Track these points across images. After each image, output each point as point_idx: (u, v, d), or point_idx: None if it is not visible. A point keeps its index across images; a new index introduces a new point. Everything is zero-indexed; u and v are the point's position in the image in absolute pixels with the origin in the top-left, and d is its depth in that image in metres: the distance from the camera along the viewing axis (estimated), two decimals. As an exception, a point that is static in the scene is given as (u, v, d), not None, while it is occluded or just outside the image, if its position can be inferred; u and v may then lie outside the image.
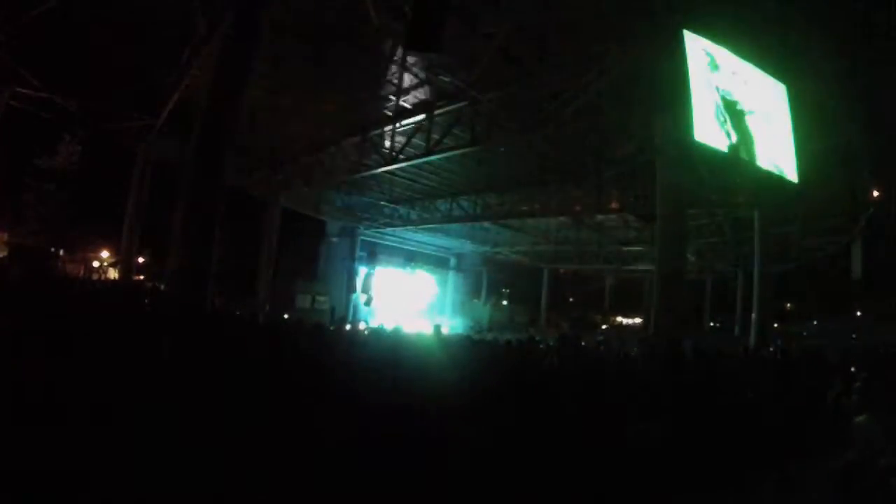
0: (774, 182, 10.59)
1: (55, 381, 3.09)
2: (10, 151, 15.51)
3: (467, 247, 28.09)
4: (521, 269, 31.80)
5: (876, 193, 13.85)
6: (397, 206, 21.17)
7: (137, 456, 2.71)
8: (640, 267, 24.88)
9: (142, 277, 18.88)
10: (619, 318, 36.44)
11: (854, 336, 19.97)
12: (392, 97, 11.96)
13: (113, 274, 19.69)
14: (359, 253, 23.76)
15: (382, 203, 20.72)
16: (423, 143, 12.81)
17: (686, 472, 4.09)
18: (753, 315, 15.69)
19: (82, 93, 12.42)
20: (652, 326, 8.70)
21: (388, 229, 23.77)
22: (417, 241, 27.02)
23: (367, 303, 21.38)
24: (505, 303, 35.40)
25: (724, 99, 8.86)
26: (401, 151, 13.44)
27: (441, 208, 20.59)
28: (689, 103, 8.18)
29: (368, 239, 24.73)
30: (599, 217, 18.65)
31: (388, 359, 4.96)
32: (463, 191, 18.80)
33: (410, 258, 26.88)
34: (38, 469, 2.46)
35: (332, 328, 9.63)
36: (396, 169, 15.17)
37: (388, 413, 3.58)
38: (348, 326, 14.13)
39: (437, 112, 11.95)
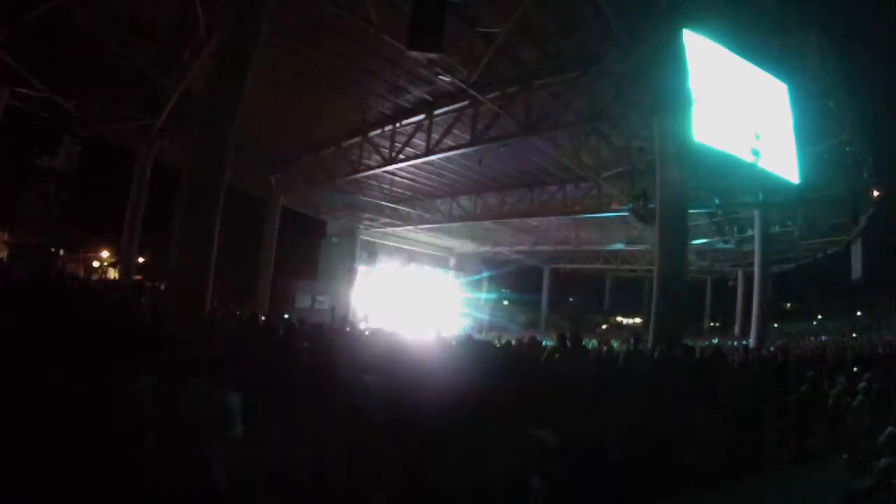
0: (774, 182, 10.59)
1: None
2: (10, 151, 15.51)
3: (467, 247, 28.08)
4: (521, 269, 31.80)
5: (876, 193, 13.84)
6: (397, 206, 21.16)
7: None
8: (640, 267, 24.89)
9: (141, 277, 18.87)
10: (619, 318, 36.43)
11: (854, 336, 19.98)
12: (392, 97, 11.96)
13: (113, 274, 19.69)
14: (359, 253, 23.76)
15: (382, 203, 20.71)
16: (423, 143, 12.81)
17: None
18: (753, 315, 15.69)
19: (82, 93, 12.41)
20: (652, 326, 8.68)
21: (388, 229, 23.76)
22: (417, 241, 27.02)
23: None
24: (505, 303, 35.39)
25: (724, 98, 8.85)
26: (401, 151, 13.43)
27: (441, 208, 20.59)
28: (689, 103, 8.18)
29: (368, 239, 24.73)
30: (599, 217, 18.62)
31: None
32: (463, 191, 18.80)
33: (410, 258, 26.87)
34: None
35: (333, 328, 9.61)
36: (396, 169, 15.16)
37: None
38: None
39: (437, 112, 11.95)
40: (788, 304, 32.41)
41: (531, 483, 2.39)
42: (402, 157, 13.56)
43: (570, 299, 37.11)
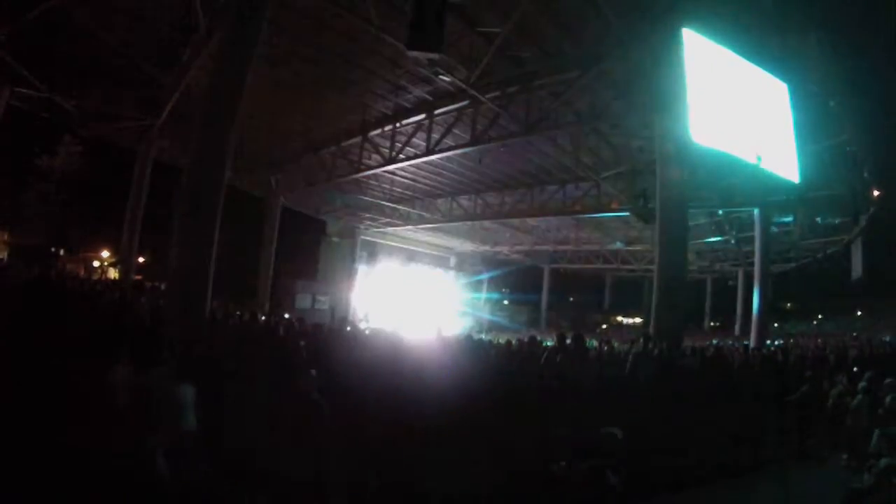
0: (774, 182, 10.58)
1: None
2: (10, 151, 15.50)
3: (467, 246, 28.08)
4: (521, 269, 31.80)
5: (876, 193, 13.84)
6: (397, 206, 21.17)
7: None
8: (640, 267, 24.89)
9: (141, 277, 18.87)
10: (619, 318, 36.43)
11: (854, 335, 19.96)
12: (392, 97, 11.96)
13: (113, 274, 19.69)
14: (359, 253, 23.77)
15: (382, 203, 20.73)
16: (423, 143, 12.81)
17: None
18: (754, 315, 15.69)
19: (82, 93, 12.41)
20: (652, 326, 8.69)
21: (389, 229, 23.77)
22: (417, 241, 27.02)
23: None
24: (505, 303, 35.40)
25: (724, 98, 8.84)
26: (401, 151, 13.44)
27: (441, 208, 20.59)
28: (688, 103, 8.17)
29: (368, 239, 24.73)
30: (599, 217, 18.63)
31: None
32: (463, 190, 18.81)
33: (410, 258, 26.88)
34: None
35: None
36: (396, 169, 15.17)
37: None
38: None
39: (437, 112, 11.95)
40: (788, 304, 32.40)
41: (607, 476, 2.43)
42: (402, 157, 13.56)
43: (570, 299, 37.12)
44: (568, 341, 5.74)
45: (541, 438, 3.81)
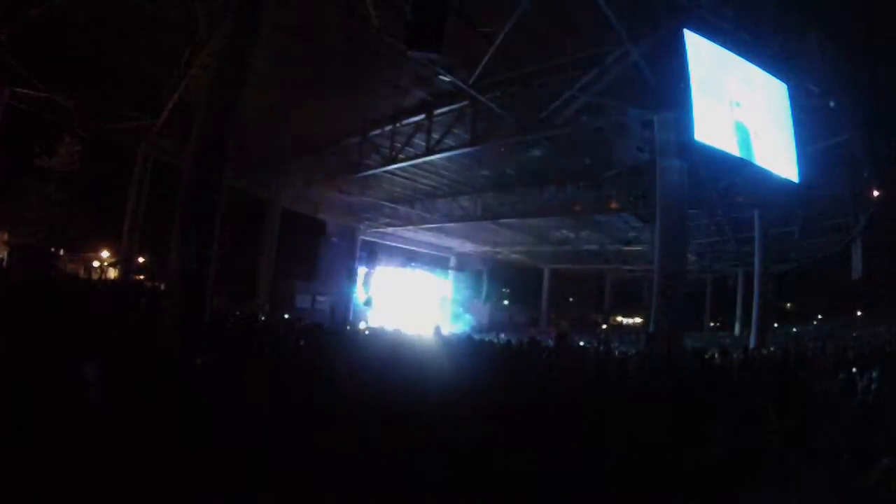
0: (774, 182, 10.59)
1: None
2: (10, 151, 15.49)
3: (467, 247, 28.08)
4: (521, 269, 31.79)
5: (876, 193, 13.83)
6: (397, 206, 21.16)
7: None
8: (640, 267, 24.88)
9: (142, 277, 18.87)
10: (619, 318, 36.43)
11: (854, 335, 19.97)
12: (392, 97, 11.96)
13: (113, 274, 19.67)
14: (359, 253, 23.76)
15: (382, 203, 20.72)
16: (423, 143, 12.81)
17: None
18: (753, 315, 15.70)
19: (82, 93, 12.41)
20: (652, 326, 8.70)
21: (389, 229, 23.78)
22: (417, 241, 27.02)
23: (367, 303, 21.40)
24: (505, 302, 35.40)
25: (724, 98, 8.85)
26: (401, 151, 13.43)
27: (441, 208, 20.59)
28: (689, 103, 8.17)
29: (368, 239, 24.73)
30: (599, 217, 18.63)
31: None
32: (463, 191, 18.80)
33: (410, 258, 26.88)
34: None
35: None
36: (396, 169, 15.17)
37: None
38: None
39: (437, 112, 11.95)
40: (788, 304, 32.40)
41: None
42: (402, 157, 13.56)
43: (570, 299, 37.12)
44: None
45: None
